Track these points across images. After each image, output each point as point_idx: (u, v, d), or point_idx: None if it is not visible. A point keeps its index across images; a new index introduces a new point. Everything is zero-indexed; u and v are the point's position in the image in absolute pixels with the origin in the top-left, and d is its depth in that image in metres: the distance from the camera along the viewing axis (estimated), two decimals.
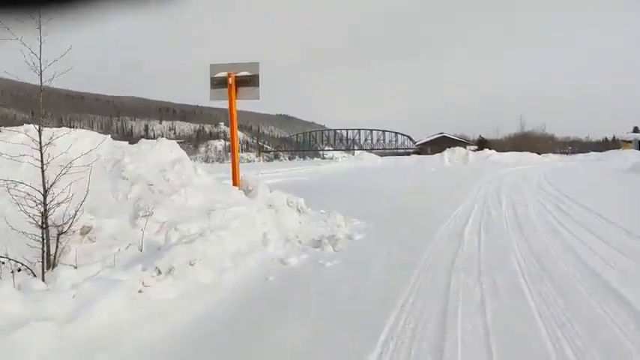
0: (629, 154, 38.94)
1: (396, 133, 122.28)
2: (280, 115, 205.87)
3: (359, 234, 7.16)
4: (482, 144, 63.43)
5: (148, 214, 5.11)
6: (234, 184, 6.64)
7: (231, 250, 5.03)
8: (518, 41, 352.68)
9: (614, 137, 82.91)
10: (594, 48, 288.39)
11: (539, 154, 49.41)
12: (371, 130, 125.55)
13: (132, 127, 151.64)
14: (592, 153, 52.83)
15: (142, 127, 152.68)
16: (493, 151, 47.51)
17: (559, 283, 4.39)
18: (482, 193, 13.34)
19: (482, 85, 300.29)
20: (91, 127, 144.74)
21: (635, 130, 59.66)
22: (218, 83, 6.40)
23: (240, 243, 5.24)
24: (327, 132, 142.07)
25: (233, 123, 6.63)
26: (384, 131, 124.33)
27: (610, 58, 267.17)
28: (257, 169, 37.07)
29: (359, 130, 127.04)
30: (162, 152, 6.28)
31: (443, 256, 5.57)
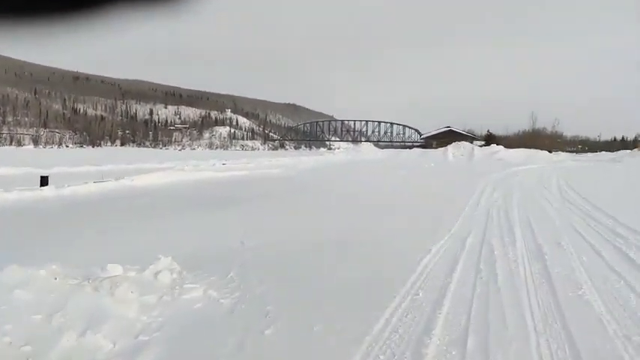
0: None
1: (404, 125, 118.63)
2: (288, 104, 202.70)
3: None
4: (489, 139, 60.04)
5: None
6: None
7: None
8: (529, 39, 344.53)
9: (623, 137, 79.35)
10: (603, 48, 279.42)
11: (549, 152, 46.12)
12: (379, 122, 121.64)
13: (136, 110, 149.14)
14: (603, 153, 49.77)
15: (147, 110, 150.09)
16: (501, 147, 44.22)
17: None
18: (484, 209, 9.33)
19: (493, 81, 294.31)
20: (95, 109, 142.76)
21: None
22: None
23: None
24: (334, 122, 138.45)
25: None
26: (391, 123, 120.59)
27: (618, 59, 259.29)
28: (258, 157, 32.10)
29: (366, 121, 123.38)
30: None
31: None
